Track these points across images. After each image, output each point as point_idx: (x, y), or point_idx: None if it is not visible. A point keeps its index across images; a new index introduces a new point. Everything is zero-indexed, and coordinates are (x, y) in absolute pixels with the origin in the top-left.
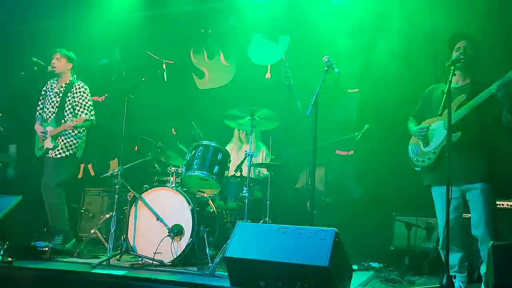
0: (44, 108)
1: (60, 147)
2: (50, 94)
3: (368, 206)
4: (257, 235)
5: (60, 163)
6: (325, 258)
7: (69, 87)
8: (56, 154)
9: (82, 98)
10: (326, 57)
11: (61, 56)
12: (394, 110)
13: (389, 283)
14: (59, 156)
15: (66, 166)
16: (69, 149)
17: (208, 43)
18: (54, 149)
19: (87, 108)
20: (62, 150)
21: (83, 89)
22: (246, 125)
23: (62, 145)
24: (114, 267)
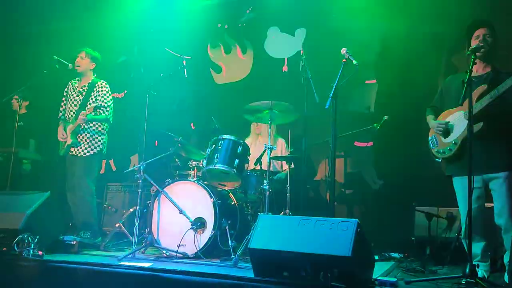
0: (66, 109)
1: (86, 144)
2: (73, 94)
3: (387, 197)
4: (279, 227)
5: (89, 161)
6: (347, 248)
7: (91, 86)
8: (84, 152)
9: (104, 98)
10: (344, 49)
11: (86, 55)
12: (412, 100)
13: (411, 273)
14: (88, 154)
15: (95, 163)
16: (96, 147)
17: (224, 37)
18: (78, 147)
19: (106, 107)
20: (90, 148)
21: (106, 89)
22: (264, 119)
23: (88, 142)
24: (140, 260)
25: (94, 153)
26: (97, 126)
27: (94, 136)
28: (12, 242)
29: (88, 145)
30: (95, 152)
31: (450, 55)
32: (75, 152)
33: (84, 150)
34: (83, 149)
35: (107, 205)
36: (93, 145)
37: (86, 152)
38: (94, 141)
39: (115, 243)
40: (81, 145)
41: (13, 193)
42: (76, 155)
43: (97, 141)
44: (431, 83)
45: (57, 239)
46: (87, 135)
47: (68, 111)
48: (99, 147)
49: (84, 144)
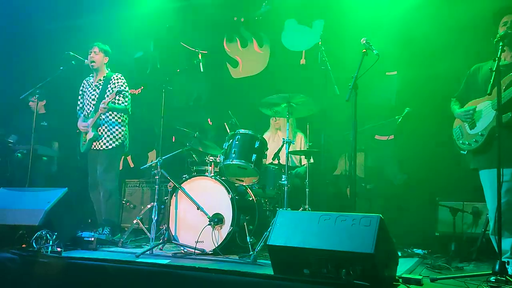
0: (84, 105)
1: (107, 137)
2: (89, 89)
3: (410, 191)
4: (299, 223)
5: (112, 154)
6: (370, 244)
7: (107, 80)
8: (106, 146)
9: (123, 88)
10: (364, 39)
11: (99, 50)
12: (435, 91)
13: (436, 270)
14: (110, 147)
15: (118, 156)
16: (117, 139)
17: (240, 31)
18: (99, 140)
19: (126, 98)
20: (112, 141)
21: (121, 80)
22: (282, 113)
23: (109, 135)
24: (157, 256)
25: (116, 145)
26: (116, 118)
27: (114, 127)
28: (31, 238)
29: (109, 137)
30: (117, 144)
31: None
32: (97, 146)
33: (106, 143)
34: (105, 142)
35: (126, 202)
36: (114, 137)
37: (108, 145)
38: (115, 133)
39: (133, 240)
40: (102, 138)
41: (32, 189)
42: (98, 149)
43: (117, 133)
44: (455, 74)
45: (76, 236)
46: (107, 127)
47: (86, 107)
48: (120, 139)
49: (105, 137)
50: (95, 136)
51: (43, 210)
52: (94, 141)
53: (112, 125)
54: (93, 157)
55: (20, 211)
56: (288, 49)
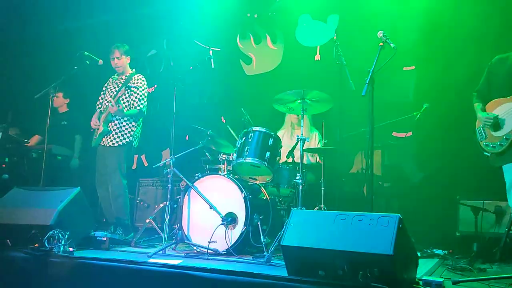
0: (104, 101)
1: (116, 134)
2: (111, 86)
3: (429, 190)
4: (314, 222)
5: (119, 152)
6: (389, 245)
7: (128, 79)
8: (113, 143)
9: (139, 91)
10: (381, 32)
11: (120, 54)
12: (455, 86)
13: (457, 271)
14: (117, 144)
15: (125, 154)
16: (126, 137)
17: (254, 27)
18: (108, 135)
19: (140, 99)
20: (120, 139)
21: (140, 81)
22: (296, 109)
23: (118, 132)
24: (170, 256)
25: (123, 143)
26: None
27: (125, 125)
28: (43, 238)
29: (117, 134)
30: (124, 143)
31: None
32: (106, 142)
33: (113, 140)
34: (113, 138)
35: (140, 201)
36: (123, 135)
37: (115, 143)
38: (125, 131)
39: (146, 239)
40: (111, 134)
41: (45, 189)
42: (106, 145)
43: (127, 132)
44: (478, 67)
45: (88, 235)
46: (118, 124)
47: (105, 102)
48: (129, 138)
49: (113, 134)
50: (105, 131)
51: (55, 209)
52: (104, 136)
53: (123, 121)
54: (101, 154)
55: (33, 211)
56: (302, 45)
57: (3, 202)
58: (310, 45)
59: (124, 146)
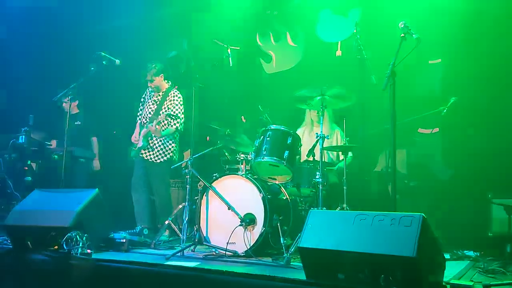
0: (143, 114)
1: (157, 152)
2: (149, 101)
3: (458, 188)
4: (332, 223)
5: (161, 168)
6: (412, 247)
7: (165, 95)
8: (156, 159)
9: (176, 108)
10: (403, 23)
11: (152, 76)
12: (483, 79)
13: (489, 274)
14: (159, 161)
15: (166, 170)
16: (167, 154)
17: (274, 25)
18: (150, 152)
19: (176, 117)
20: (161, 156)
21: (177, 98)
22: (316, 105)
23: (159, 149)
24: (188, 258)
25: (164, 160)
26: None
27: (165, 143)
28: (62, 239)
29: (159, 152)
30: (165, 160)
31: None
32: (148, 156)
33: (155, 156)
34: (158, 155)
35: None
36: (164, 152)
37: (158, 159)
38: (166, 148)
39: (166, 241)
40: (153, 150)
41: (64, 190)
42: (146, 159)
43: (167, 148)
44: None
45: (108, 237)
46: (159, 142)
47: (144, 116)
48: (169, 155)
49: (155, 151)
50: (144, 146)
51: (73, 211)
52: (142, 149)
53: (163, 140)
54: (141, 162)
55: (52, 212)
56: (323, 41)
57: (24, 204)
58: (331, 41)
59: (166, 162)
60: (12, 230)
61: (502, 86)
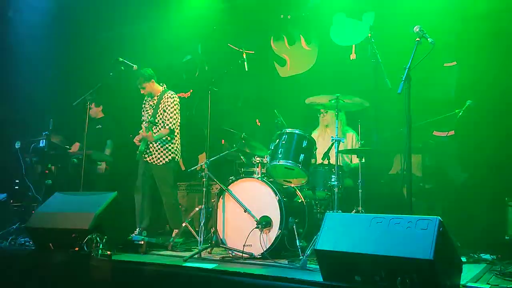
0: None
1: (158, 154)
2: (147, 107)
3: (474, 191)
4: (349, 226)
5: (164, 170)
6: (429, 250)
7: (160, 98)
8: (159, 161)
9: (170, 109)
10: (418, 27)
11: (142, 82)
12: (499, 82)
13: (506, 278)
14: (161, 163)
15: (170, 170)
16: (167, 156)
17: (288, 28)
18: (151, 156)
19: (169, 118)
20: (162, 158)
21: (171, 99)
22: (331, 106)
23: (159, 152)
24: (205, 260)
25: (166, 162)
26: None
27: (163, 146)
28: (82, 241)
29: (160, 155)
30: (167, 161)
31: None
32: (150, 159)
33: (157, 159)
34: (159, 157)
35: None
36: (165, 153)
37: (159, 162)
38: (165, 150)
39: (182, 243)
40: (153, 154)
41: (83, 193)
42: (149, 161)
43: (167, 150)
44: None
45: (126, 239)
46: (158, 145)
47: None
48: (171, 156)
49: (155, 154)
50: (142, 150)
51: (93, 214)
52: (143, 154)
53: (161, 143)
54: (144, 164)
55: (73, 215)
56: (337, 44)
57: (45, 206)
58: (345, 44)
59: (169, 163)
60: (34, 232)
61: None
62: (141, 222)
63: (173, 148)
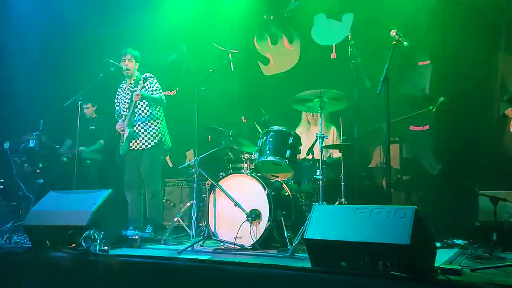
0: (120, 110)
1: (145, 136)
2: (123, 94)
3: (447, 181)
4: (334, 216)
5: (152, 153)
6: (406, 236)
7: (137, 82)
8: (145, 145)
9: (153, 84)
10: (394, 31)
11: (131, 56)
12: (470, 79)
13: (477, 260)
14: (149, 146)
15: (158, 154)
16: (155, 136)
17: (270, 28)
18: (137, 139)
19: (158, 89)
20: (150, 140)
21: (151, 78)
22: (315, 108)
23: (145, 133)
24: (199, 253)
25: (155, 143)
26: (149, 113)
27: (150, 125)
28: (79, 238)
29: (146, 136)
30: (156, 142)
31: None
32: (136, 145)
33: (144, 142)
34: (143, 141)
35: (166, 200)
36: (152, 135)
37: (147, 145)
38: (152, 131)
39: (174, 237)
40: (139, 138)
41: (79, 191)
42: (137, 149)
43: (154, 130)
44: (490, 61)
45: (121, 235)
46: (143, 125)
47: (123, 111)
48: (158, 136)
49: (142, 136)
50: (131, 134)
51: (89, 210)
52: (132, 140)
53: (147, 121)
54: (132, 157)
55: (69, 212)
56: (318, 44)
57: (41, 205)
58: (326, 44)
59: (157, 145)
60: (31, 229)
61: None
62: (136, 221)
63: (160, 128)
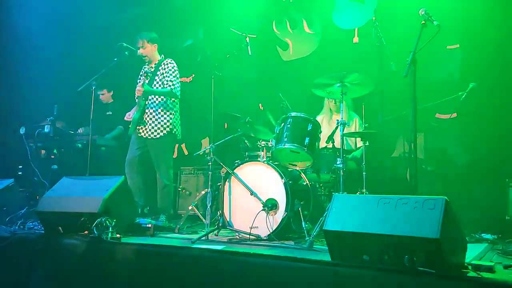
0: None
1: (155, 126)
2: (141, 78)
3: (475, 173)
4: (356, 207)
5: (160, 145)
6: (435, 229)
7: (158, 66)
8: (154, 134)
9: (170, 73)
10: (423, 10)
11: (145, 41)
12: (503, 65)
13: (508, 256)
14: (158, 136)
15: (167, 145)
16: (165, 127)
17: (290, 12)
18: (145, 126)
19: (171, 80)
20: (160, 130)
21: (171, 65)
22: (336, 93)
23: (155, 123)
24: (213, 242)
25: (164, 134)
26: (161, 101)
27: (160, 114)
28: (92, 225)
29: (156, 126)
30: (165, 133)
31: None
32: (144, 133)
33: (153, 132)
34: (152, 131)
35: (181, 189)
36: (162, 125)
37: (156, 135)
38: (163, 121)
39: (189, 226)
40: (147, 125)
41: (91, 178)
42: (144, 136)
43: (165, 121)
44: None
45: (133, 223)
46: (153, 113)
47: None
48: (169, 128)
49: (151, 124)
50: (135, 118)
51: (102, 197)
52: (139, 125)
53: (158, 110)
54: (136, 140)
55: (81, 199)
56: (340, 28)
57: (54, 191)
58: (348, 28)
59: (166, 136)
60: (44, 215)
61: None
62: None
63: (172, 119)
